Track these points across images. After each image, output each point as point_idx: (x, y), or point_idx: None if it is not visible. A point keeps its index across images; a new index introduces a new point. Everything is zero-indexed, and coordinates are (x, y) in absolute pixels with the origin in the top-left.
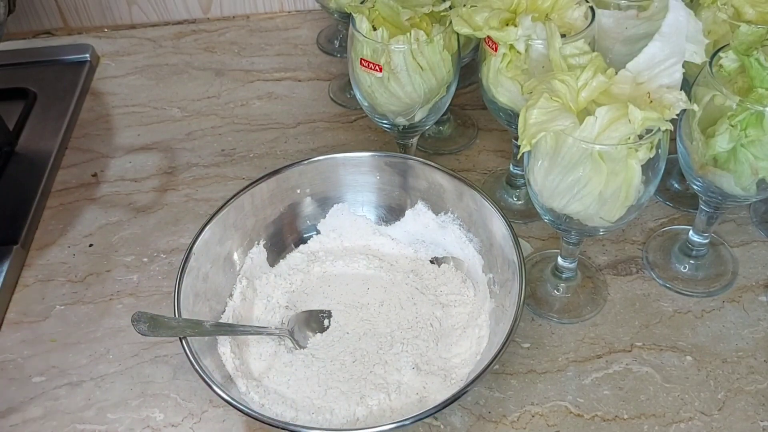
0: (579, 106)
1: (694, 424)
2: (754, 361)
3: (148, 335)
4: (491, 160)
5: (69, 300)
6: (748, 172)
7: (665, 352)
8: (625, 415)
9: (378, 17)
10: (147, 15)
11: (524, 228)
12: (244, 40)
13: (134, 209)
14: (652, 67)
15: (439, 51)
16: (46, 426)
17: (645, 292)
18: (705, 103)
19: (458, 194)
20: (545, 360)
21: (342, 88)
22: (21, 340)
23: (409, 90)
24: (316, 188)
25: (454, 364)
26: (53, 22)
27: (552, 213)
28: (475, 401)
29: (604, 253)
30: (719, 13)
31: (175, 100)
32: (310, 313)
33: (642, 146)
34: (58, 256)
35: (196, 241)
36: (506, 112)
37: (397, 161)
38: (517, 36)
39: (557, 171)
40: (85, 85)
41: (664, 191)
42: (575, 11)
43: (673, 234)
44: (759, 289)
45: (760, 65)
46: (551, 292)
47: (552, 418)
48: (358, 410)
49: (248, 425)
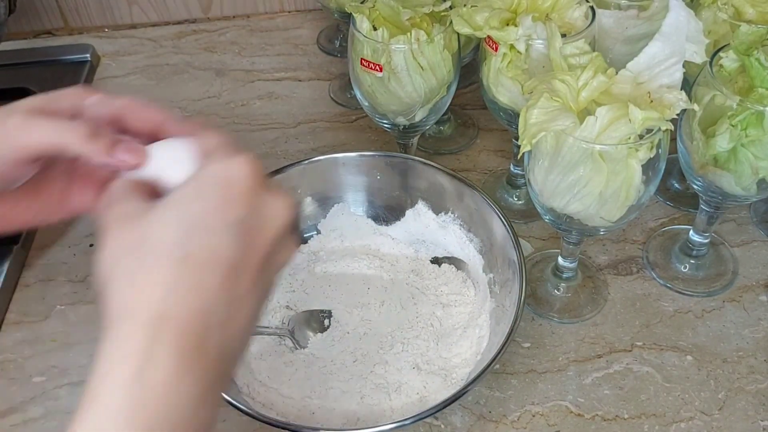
0: (579, 105)
1: (695, 423)
2: (754, 360)
3: None
4: (491, 159)
5: (69, 300)
6: (748, 171)
7: (666, 352)
8: (626, 415)
9: (378, 17)
10: (147, 15)
11: (525, 228)
12: (244, 40)
13: None
14: (652, 66)
15: (439, 51)
16: (47, 426)
17: (645, 291)
18: (705, 103)
19: (458, 194)
20: (546, 360)
21: (342, 87)
22: (21, 340)
23: (410, 90)
24: (316, 188)
25: (454, 363)
26: (54, 22)
27: (552, 213)
28: (475, 401)
29: (605, 253)
30: (719, 12)
31: (176, 100)
32: (311, 313)
33: (642, 146)
34: (59, 256)
35: None
36: (507, 112)
37: (398, 161)
38: (517, 36)
39: (557, 171)
40: (85, 85)
41: (664, 191)
42: (575, 11)
43: (673, 234)
44: (759, 288)
45: (761, 65)
46: (552, 292)
47: (552, 418)
48: (358, 410)
49: (248, 425)
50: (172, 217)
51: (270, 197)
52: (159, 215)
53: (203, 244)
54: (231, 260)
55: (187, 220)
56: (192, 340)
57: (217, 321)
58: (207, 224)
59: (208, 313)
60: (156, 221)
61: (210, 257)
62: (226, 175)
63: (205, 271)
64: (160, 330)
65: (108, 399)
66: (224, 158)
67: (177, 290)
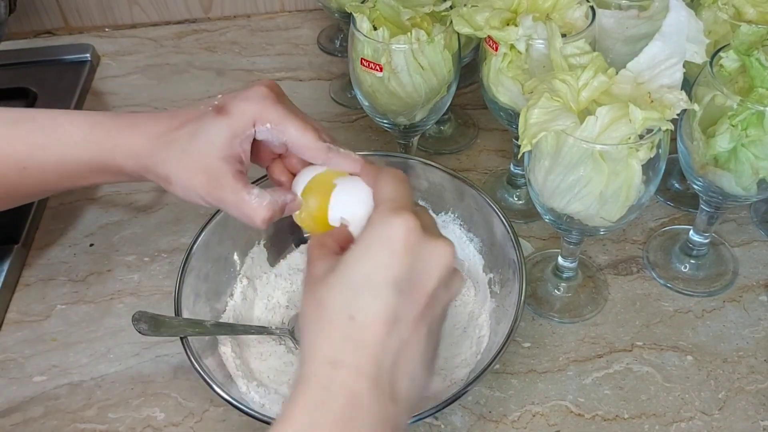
0: (580, 105)
1: (695, 423)
2: (754, 360)
3: (148, 335)
4: (492, 159)
5: (70, 299)
6: (748, 171)
7: (666, 352)
8: (626, 415)
9: (379, 17)
10: (148, 15)
11: (525, 228)
12: (245, 40)
13: (135, 209)
14: (652, 66)
15: (439, 51)
16: (47, 425)
17: (645, 291)
18: (705, 103)
19: (459, 194)
20: (546, 359)
21: (343, 87)
22: (22, 340)
23: (410, 90)
24: None
25: (454, 363)
26: (54, 21)
27: (553, 213)
28: (475, 401)
29: (605, 253)
30: (720, 12)
31: (176, 100)
32: None
33: (642, 146)
34: (59, 255)
35: (196, 240)
36: (507, 112)
37: (398, 161)
38: (517, 36)
39: (558, 171)
40: (85, 85)
41: (664, 191)
42: (576, 11)
43: (673, 234)
44: (759, 288)
45: (761, 65)
46: (552, 292)
47: (552, 418)
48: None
49: (248, 425)
50: (343, 282)
51: (429, 248)
52: (334, 280)
53: (367, 303)
54: (392, 314)
55: (354, 283)
56: (365, 382)
57: (389, 363)
58: (371, 285)
59: (377, 357)
60: (331, 285)
61: (373, 314)
62: (389, 235)
63: (369, 326)
64: (335, 373)
65: (292, 419)
66: (388, 216)
67: (346, 344)
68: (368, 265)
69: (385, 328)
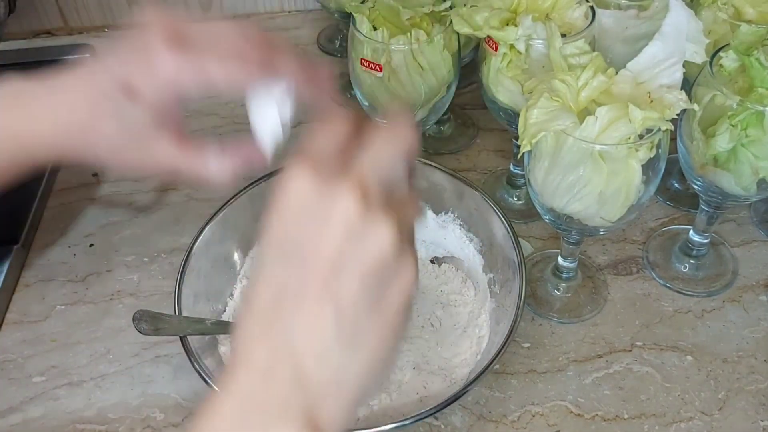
0: (579, 105)
1: (695, 423)
2: (754, 360)
3: (149, 334)
4: (491, 159)
5: (69, 300)
6: (748, 171)
7: (665, 352)
8: (626, 415)
9: (378, 17)
10: None
11: (524, 228)
12: None
13: (135, 209)
14: (652, 66)
15: (439, 51)
16: (47, 426)
17: (645, 291)
18: (705, 103)
19: (458, 194)
20: (546, 360)
21: (343, 87)
22: (21, 340)
23: (410, 90)
24: None
25: (454, 363)
26: (53, 21)
27: (552, 213)
28: (475, 401)
29: (605, 253)
30: (719, 12)
31: None
32: None
33: (642, 146)
34: (59, 255)
35: (196, 240)
36: (506, 112)
37: None
38: (517, 36)
39: (557, 171)
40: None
41: (664, 191)
42: (575, 11)
43: (673, 234)
44: (759, 288)
45: (761, 65)
46: (551, 292)
47: (552, 418)
48: (358, 410)
49: None
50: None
51: (324, 205)
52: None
53: (257, 269)
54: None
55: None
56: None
57: (281, 342)
58: (262, 249)
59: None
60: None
61: (259, 282)
62: (280, 190)
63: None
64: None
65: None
66: (286, 169)
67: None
68: (265, 225)
69: (269, 298)
